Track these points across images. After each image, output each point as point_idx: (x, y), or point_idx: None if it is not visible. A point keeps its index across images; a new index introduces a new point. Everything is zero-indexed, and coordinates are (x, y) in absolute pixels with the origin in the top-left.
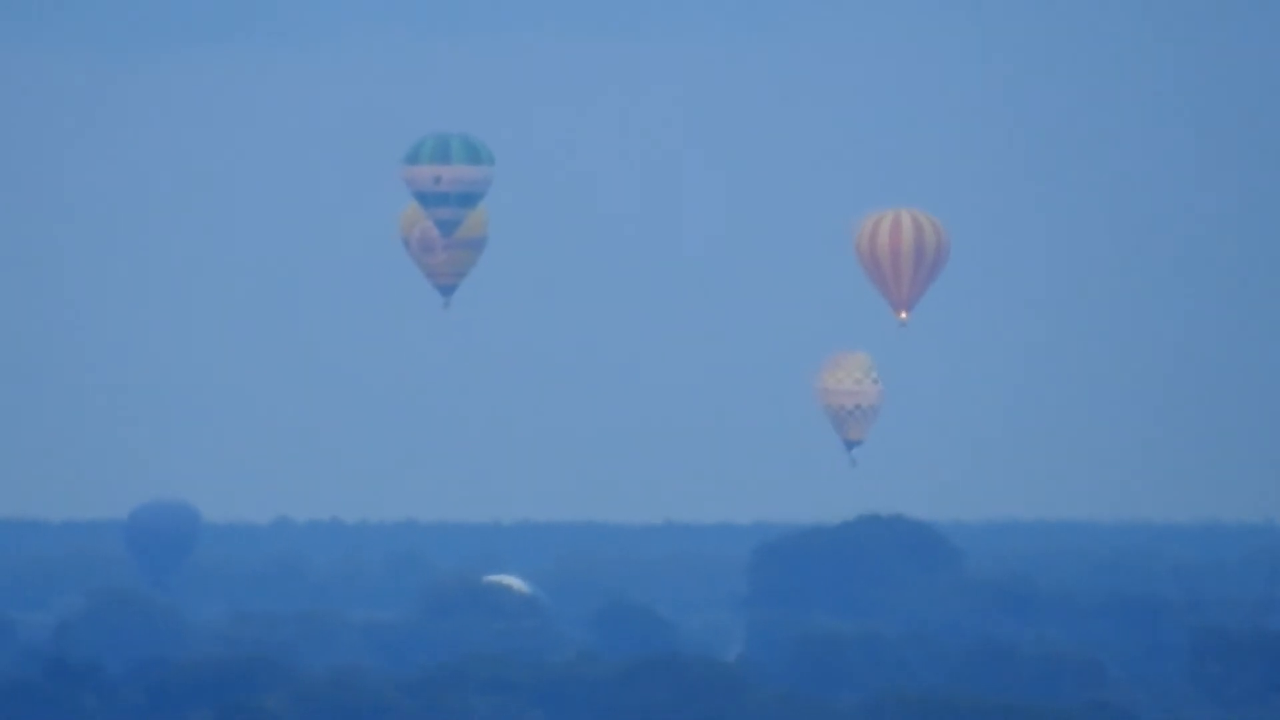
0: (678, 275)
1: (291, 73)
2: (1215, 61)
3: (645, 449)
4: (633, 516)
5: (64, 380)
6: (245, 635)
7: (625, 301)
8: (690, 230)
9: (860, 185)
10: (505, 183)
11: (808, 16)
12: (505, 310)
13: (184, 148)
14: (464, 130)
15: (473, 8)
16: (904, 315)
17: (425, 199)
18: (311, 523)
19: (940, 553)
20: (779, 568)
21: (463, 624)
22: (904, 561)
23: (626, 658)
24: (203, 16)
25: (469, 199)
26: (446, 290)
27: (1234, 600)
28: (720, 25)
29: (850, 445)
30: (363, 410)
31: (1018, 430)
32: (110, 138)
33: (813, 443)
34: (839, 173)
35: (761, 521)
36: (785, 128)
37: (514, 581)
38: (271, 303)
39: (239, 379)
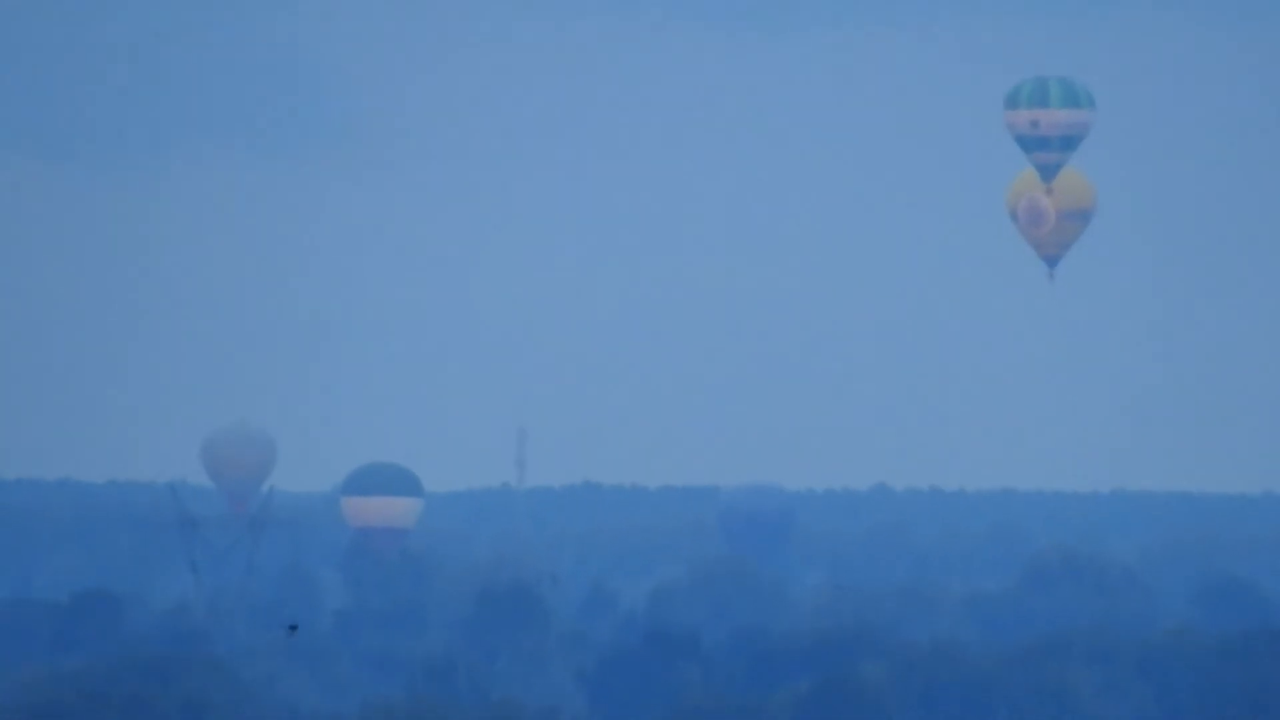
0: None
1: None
2: None
3: (1242, 418)
4: (1231, 488)
5: (671, 358)
6: (845, 606)
7: (1230, 270)
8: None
9: None
10: (1109, 133)
11: None
12: (1111, 282)
13: (779, 106)
14: (1065, 73)
15: None
16: None
17: (1025, 143)
18: (910, 491)
19: None
20: None
21: (1063, 596)
22: None
23: (1227, 631)
24: None
25: (1069, 143)
26: (1052, 261)
27: None
28: None
29: None
30: (962, 378)
31: None
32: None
33: None
34: None
35: None
36: None
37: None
38: (867, 264)
39: (837, 341)
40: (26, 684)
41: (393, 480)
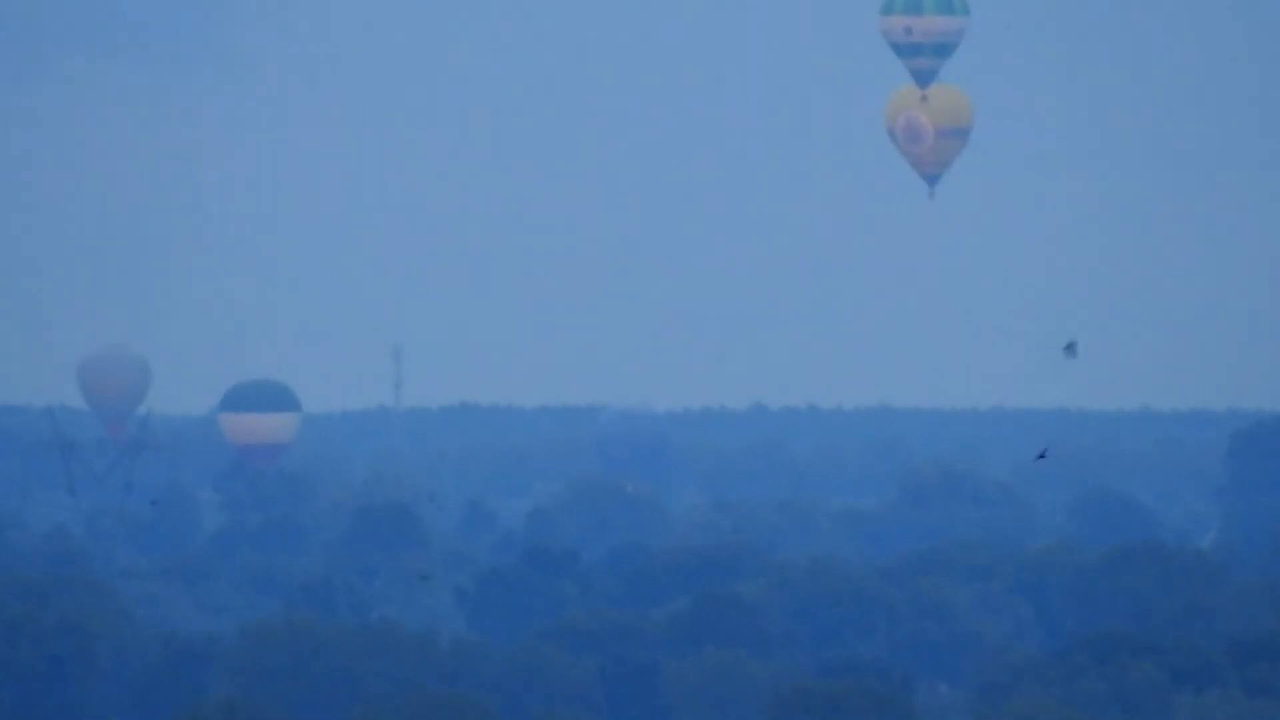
0: (1170, 169)
1: None
2: None
3: (1119, 336)
4: (1108, 404)
5: (548, 278)
6: (723, 523)
7: (1108, 187)
8: (1189, 143)
9: None
10: (984, 38)
11: None
12: (990, 198)
13: (660, 32)
14: None
15: None
16: None
17: (900, 49)
18: (787, 408)
19: None
20: (1256, 455)
21: (941, 511)
22: None
23: (1106, 545)
24: None
25: (943, 49)
26: (931, 179)
27: None
28: None
29: None
30: (841, 296)
31: None
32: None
33: None
34: None
35: (1235, 409)
36: None
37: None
38: (744, 179)
39: (714, 260)
40: None
41: (269, 396)
